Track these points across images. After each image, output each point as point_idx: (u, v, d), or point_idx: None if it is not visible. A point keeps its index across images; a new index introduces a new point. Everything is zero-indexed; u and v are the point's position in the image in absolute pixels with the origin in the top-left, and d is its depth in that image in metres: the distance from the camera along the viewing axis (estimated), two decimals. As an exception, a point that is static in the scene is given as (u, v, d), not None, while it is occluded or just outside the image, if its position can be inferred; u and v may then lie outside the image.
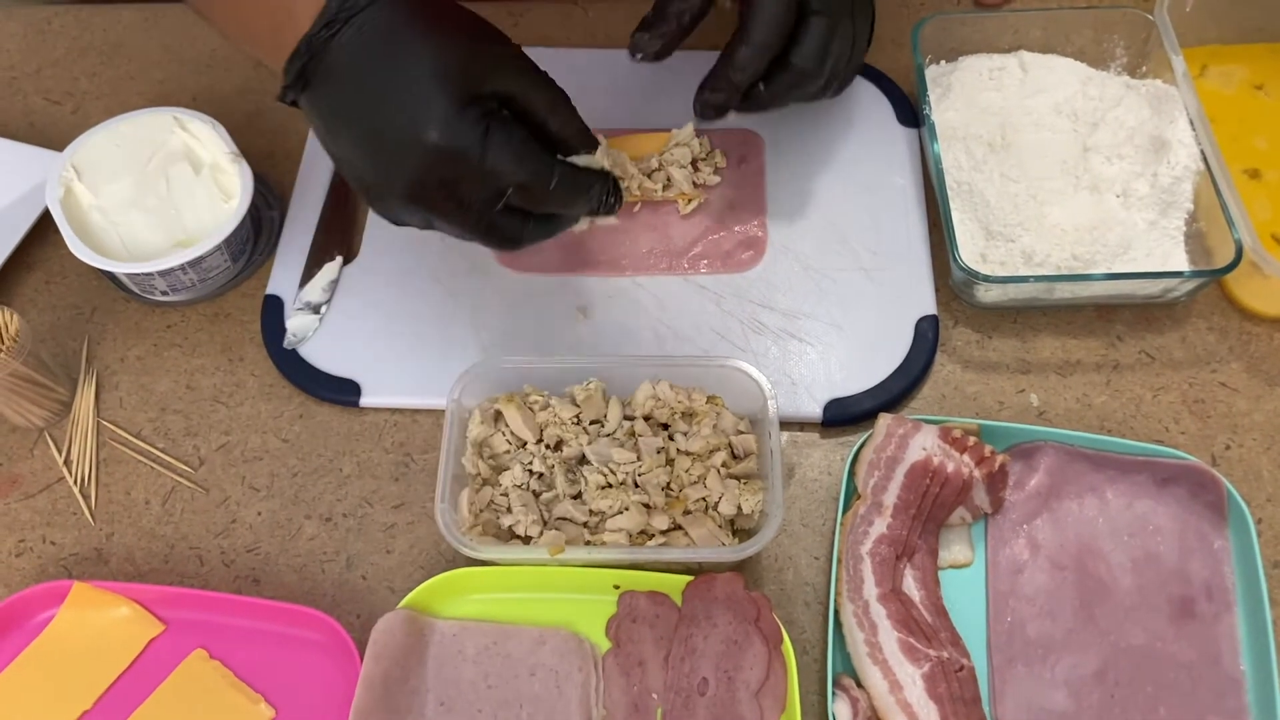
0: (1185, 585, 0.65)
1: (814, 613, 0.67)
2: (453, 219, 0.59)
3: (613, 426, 0.68)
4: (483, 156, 0.56)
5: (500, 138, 0.57)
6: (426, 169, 0.56)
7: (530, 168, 0.58)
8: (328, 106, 0.58)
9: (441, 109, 0.55)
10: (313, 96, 0.58)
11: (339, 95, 0.57)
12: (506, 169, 0.57)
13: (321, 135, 0.60)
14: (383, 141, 0.57)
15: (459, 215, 0.59)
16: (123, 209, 0.76)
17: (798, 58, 0.67)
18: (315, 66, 0.57)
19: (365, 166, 0.58)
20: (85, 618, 0.66)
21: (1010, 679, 0.63)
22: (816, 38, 0.67)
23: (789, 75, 0.68)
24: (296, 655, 0.65)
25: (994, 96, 0.81)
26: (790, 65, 0.67)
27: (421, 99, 0.56)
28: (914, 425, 0.67)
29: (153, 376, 0.76)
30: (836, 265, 0.77)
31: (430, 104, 0.55)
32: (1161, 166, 0.75)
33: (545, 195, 0.59)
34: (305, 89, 0.58)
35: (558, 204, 0.61)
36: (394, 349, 0.75)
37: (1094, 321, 0.76)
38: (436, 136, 0.55)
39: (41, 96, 0.89)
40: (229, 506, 0.71)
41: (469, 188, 0.57)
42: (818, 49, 0.67)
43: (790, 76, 0.68)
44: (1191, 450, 0.69)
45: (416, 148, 0.56)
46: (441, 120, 0.55)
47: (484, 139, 0.56)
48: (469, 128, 0.56)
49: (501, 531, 0.66)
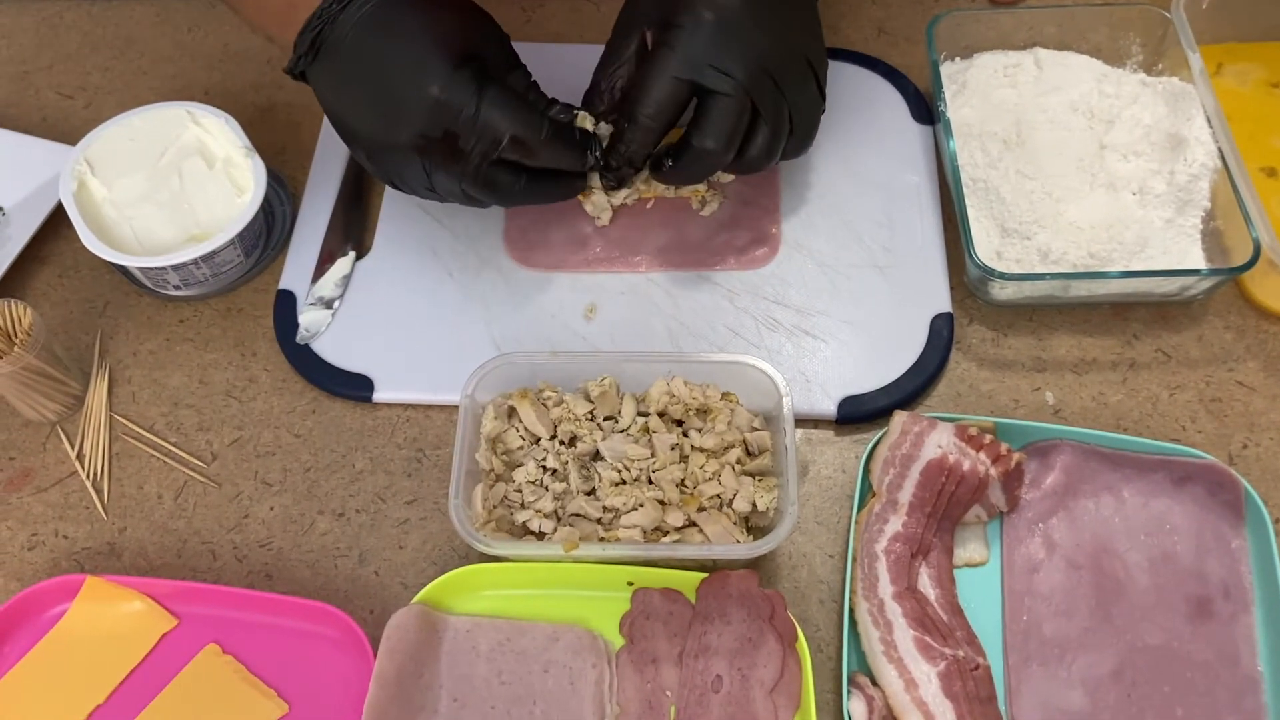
0: (1202, 585, 0.65)
1: (829, 610, 0.67)
2: (451, 171, 0.64)
3: (627, 422, 0.68)
4: (478, 109, 0.62)
5: (493, 93, 0.63)
6: (429, 121, 0.62)
7: (522, 119, 0.63)
8: (337, 72, 0.64)
9: (441, 68, 0.62)
10: (321, 67, 0.65)
11: (345, 61, 0.64)
12: (501, 122, 0.63)
13: (329, 102, 0.66)
14: (388, 99, 0.63)
15: (457, 167, 0.64)
16: (136, 203, 0.76)
17: (697, 138, 0.64)
18: (325, 37, 0.63)
19: (372, 123, 0.64)
20: (98, 612, 0.66)
21: (1026, 678, 0.63)
22: (716, 118, 0.64)
23: (690, 154, 0.65)
24: (309, 650, 0.65)
25: (1009, 93, 0.80)
26: (690, 145, 0.65)
27: (423, 60, 0.62)
28: (929, 423, 0.66)
29: (165, 371, 0.76)
30: (851, 262, 0.77)
31: (430, 64, 0.62)
32: (1178, 164, 0.75)
33: (538, 147, 0.64)
34: (315, 59, 0.64)
35: (550, 157, 0.65)
36: (407, 344, 0.75)
37: (1110, 320, 0.75)
38: (437, 91, 0.62)
39: (54, 91, 0.89)
40: (241, 501, 0.71)
41: (466, 138, 0.63)
42: (719, 129, 0.64)
43: (691, 155, 0.65)
44: (1208, 449, 0.69)
45: (420, 102, 0.62)
46: (442, 76, 0.62)
47: (479, 94, 0.62)
48: (465, 83, 0.62)
49: (515, 527, 0.66)
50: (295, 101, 0.87)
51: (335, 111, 0.66)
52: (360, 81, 0.64)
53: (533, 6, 0.91)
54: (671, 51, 0.63)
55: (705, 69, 0.63)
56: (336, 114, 0.66)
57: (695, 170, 0.67)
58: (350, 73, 0.64)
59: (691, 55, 0.63)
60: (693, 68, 0.63)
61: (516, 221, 0.79)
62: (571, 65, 0.69)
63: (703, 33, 0.63)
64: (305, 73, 0.66)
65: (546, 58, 0.72)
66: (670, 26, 0.64)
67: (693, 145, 0.65)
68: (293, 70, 0.66)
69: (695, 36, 0.63)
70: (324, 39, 0.63)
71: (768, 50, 0.64)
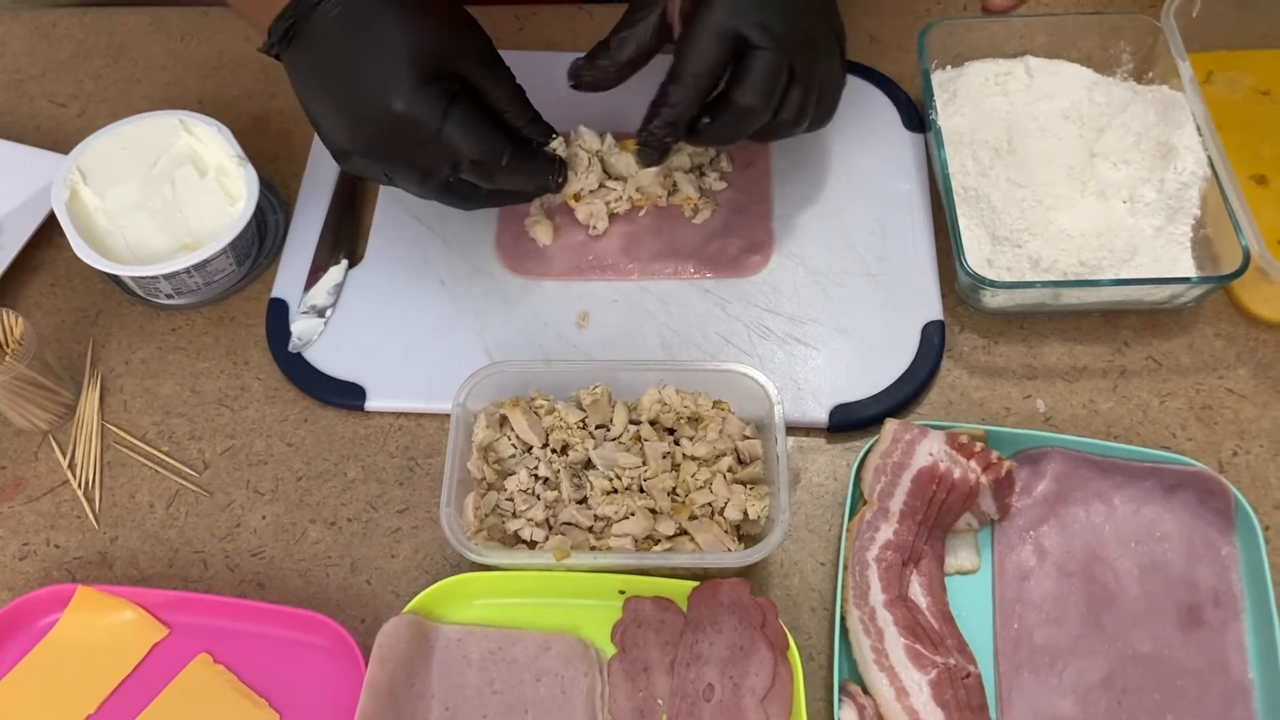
0: (1193, 592, 0.65)
1: (820, 619, 0.67)
2: (409, 181, 0.65)
3: (618, 431, 0.68)
4: (440, 130, 0.62)
5: (458, 115, 0.62)
6: (388, 134, 0.62)
7: (484, 146, 0.63)
8: (305, 65, 0.64)
9: (407, 81, 0.61)
10: (293, 55, 0.64)
11: (316, 57, 0.63)
12: (461, 144, 0.62)
13: (298, 89, 0.66)
14: (350, 104, 0.63)
15: (415, 178, 0.65)
16: (128, 212, 0.76)
17: (738, 94, 0.64)
18: (299, 29, 0.63)
19: (332, 124, 0.64)
20: (89, 622, 0.65)
21: (1017, 686, 0.63)
22: (759, 74, 0.64)
23: (730, 112, 0.65)
24: (301, 660, 0.65)
25: (1000, 102, 0.81)
26: (731, 102, 0.65)
27: (390, 70, 0.61)
28: (920, 431, 0.66)
29: (157, 380, 0.76)
30: (842, 270, 0.77)
31: (397, 76, 0.61)
32: (1168, 172, 0.75)
33: (496, 172, 0.65)
34: (288, 47, 0.64)
35: (507, 181, 0.67)
36: (399, 353, 0.75)
37: (1101, 327, 0.76)
38: (400, 106, 0.61)
39: (47, 99, 0.89)
40: (233, 510, 0.71)
41: (425, 155, 0.63)
42: (761, 86, 0.64)
43: (731, 113, 0.65)
44: (1199, 457, 0.69)
45: (380, 113, 0.61)
46: (406, 91, 0.61)
47: (444, 115, 0.62)
48: (431, 102, 0.62)
49: (507, 536, 0.66)
50: (288, 110, 0.87)
51: (302, 100, 0.66)
52: (328, 80, 0.63)
53: (526, 15, 0.91)
54: (714, 8, 0.64)
55: (751, 23, 0.63)
56: (303, 103, 0.66)
57: (734, 129, 0.66)
58: (319, 69, 0.63)
59: (737, 7, 0.63)
60: (740, 19, 0.63)
61: (509, 229, 0.80)
62: (565, 74, 0.69)
63: None
64: (279, 55, 0.66)
65: (539, 66, 0.72)
66: None
67: (734, 101, 0.65)
68: (266, 51, 0.66)
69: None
70: (297, 30, 0.63)
71: (805, 13, 0.66)
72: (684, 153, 0.80)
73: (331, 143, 0.65)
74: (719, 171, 0.81)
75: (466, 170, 0.64)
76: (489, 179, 0.65)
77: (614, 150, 0.78)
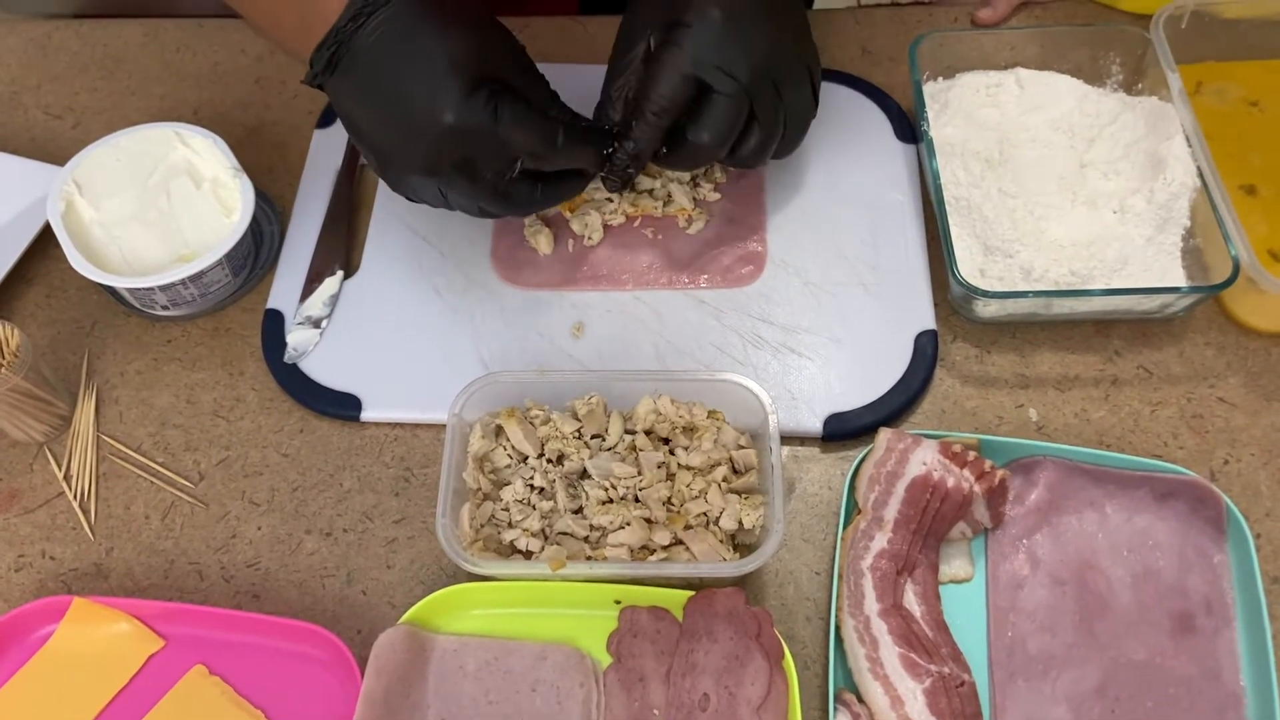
0: (1185, 600, 0.65)
1: (815, 628, 0.67)
2: (466, 191, 0.65)
3: (614, 441, 0.68)
4: (494, 131, 0.62)
5: (508, 113, 0.63)
6: (443, 147, 0.63)
7: (537, 132, 0.64)
8: (352, 91, 0.64)
9: (455, 94, 0.62)
10: (339, 82, 0.65)
11: (363, 82, 0.64)
12: (517, 138, 0.63)
13: (344, 116, 0.66)
14: (402, 123, 0.63)
15: (472, 188, 0.65)
16: (124, 223, 0.77)
17: (693, 132, 0.67)
18: (341, 54, 0.63)
19: (386, 145, 0.65)
20: (84, 633, 0.65)
21: (1011, 694, 0.63)
22: (716, 116, 0.66)
23: (686, 148, 0.68)
24: (297, 671, 0.65)
25: (991, 113, 0.81)
26: (686, 140, 0.67)
27: (437, 85, 0.62)
28: (914, 440, 0.67)
29: (153, 391, 0.76)
30: (836, 280, 0.78)
31: (445, 90, 0.62)
32: (1158, 183, 0.76)
33: (554, 154, 0.65)
34: (332, 75, 0.64)
35: (566, 159, 0.66)
36: (394, 363, 0.75)
37: (1092, 337, 0.76)
38: (452, 118, 0.62)
39: (42, 111, 0.89)
40: (229, 521, 0.71)
41: (484, 161, 0.64)
42: (717, 127, 0.66)
43: (687, 149, 0.68)
44: (1190, 465, 0.70)
45: (433, 128, 0.62)
46: (455, 104, 0.62)
47: (494, 116, 0.62)
48: (479, 108, 0.62)
49: (502, 546, 0.66)
50: (283, 121, 0.87)
51: (352, 125, 0.66)
52: (376, 103, 0.64)
53: (519, 26, 0.90)
54: (680, 50, 0.65)
55: (712, 68, 0.65)
56: (354, 128, 0.66)
57: (690, 162, 0.70)
58: (366, 93, 0.64)
59: (699, 54, 0.65)
60: (700, 66, 0.65)
61: (504, 240, 0.80)
62: (560, 85, 0.70)
63: (710, 32, 0.65)
64: (323, 85, 0.66)
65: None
66: (678, 25, 0.65)
67: (689, 140, 0.67)
68: (310, 83, 0.66)
69: (703, 35, 0.65)
70: (339, 57, 0.64)
71: (771, 53, 0.66)
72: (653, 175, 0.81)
73: (388, 164, 0.65)
74: (713, 182, 0.81)
75: (526, 161, 0.64)
76: (547, 163, 0.65)
77: None
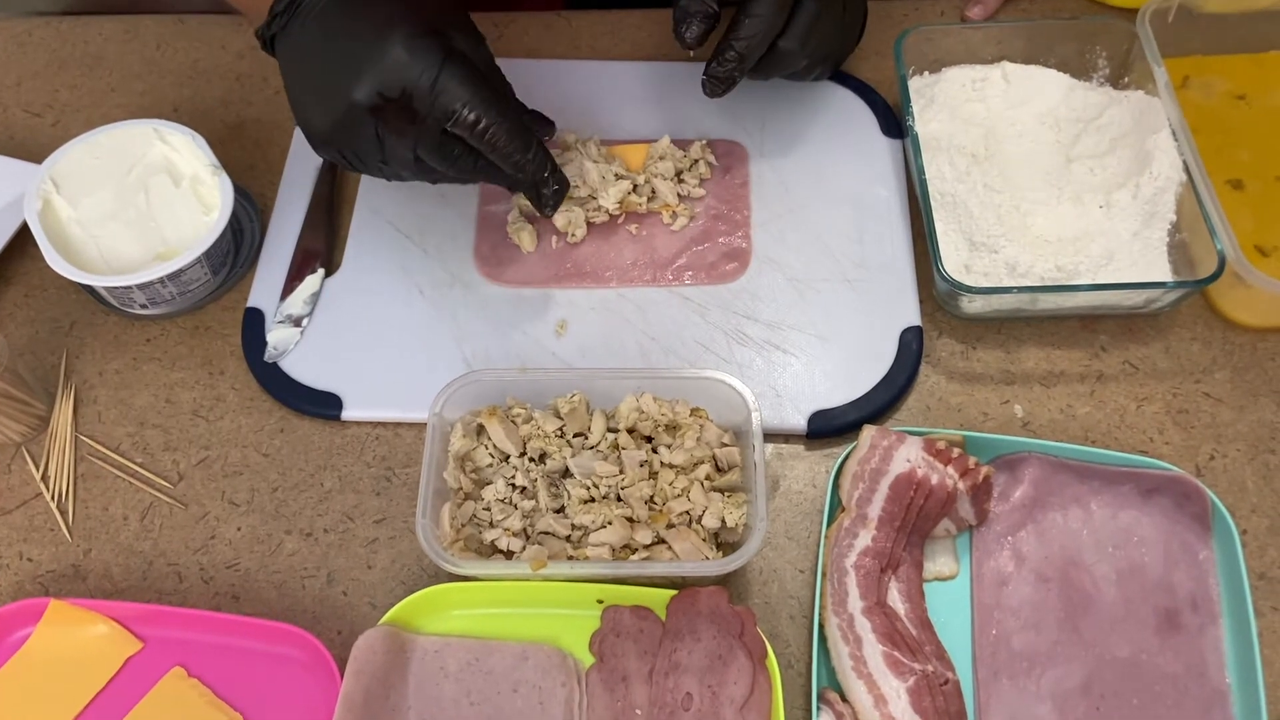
0: (1170, 597, 0.65)
1: (799, 626, 0.66)
2: (405, 134, 0.64)
3: (596, 439, 0.68)
4: (438, 76, 0.63)
5: (456, 64, 0.63)
6: (388, 77, 0.63)
7: (481, 96, 0.64)
8: (305, 36, 0.65)
9: (406, 30, 0.63)
10: (292, 29, 0.66)
11: (317, 25, 0.65)
12: (458, 91, 0.63)
13: (291, 68, 0.67)
14: (351, 58, 0.64)
15: (412, 129, 0.64)
16: (102, 222, 0.76)
17: (783, 40, 0.71)
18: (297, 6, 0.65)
19: (331, 85, 0.64)
20: (62, 636, 0.65)
21: (995, 692, 0.63)
22: (803, 21, 0.71)
23: (773, 55, 0.72)
24: (276, 672, 0.64)
25: (977, 107, 0.81)
26: (775, 47, 0.72)
27: (390, 22, 0.63)
28: (898, 437, 0.66)
29: (132, 391, 0.75)
30: (821, 276, 0.77)
31: (396, 25, 0.63)
32: (1144, 177, 0.75)
33: (492, 131, 0.64)
34: (287, 24, 0.66)
35: (503, 145, 0.65)
36: (376, 362, 0.75)
37: (1078, 332, 0.76)
38: (400, 50, 0.63)
39: (21, 109, 0.88)
40: (208, 522, 0.71)
41: (422, 102, 0.63)
42: (802, 32, 0.71)
43: (774, 57, 0.72)
44: (1176, 461, 0.69)
45: (381, 58, 0.63)
46: (405, 38, 0.63)
47: (441, 62, 0.63)
48: (429, 50, 0.63)
49: (484, 546, 0.65)
50: (264, 118, 0.87)
51: (295, 77, 0.67)
52: (325, 43, 0.65)
53: (505, 22, 0.90)
54: None
55: None
56: (296, 79, 0.67)
57: (774, 69, 0.74)
58: (317, 36, 0.65)
59: None
60: None
61: (487, 237, 0.79)
62: (545, 81, 0.69)
63: None
64: (274, 39, 0.67)
65: (520, 73, 0.72)
66: None
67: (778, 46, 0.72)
68: (264, 34, 0.67)
69: None
70: (294, 9, 0.65)
71: None
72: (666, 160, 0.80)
73: (324, 110, 0.65)
74: (698, 179, 0.80)
75: (463, 124, 0.64)
76: (483, 140, 0.65)
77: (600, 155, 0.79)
